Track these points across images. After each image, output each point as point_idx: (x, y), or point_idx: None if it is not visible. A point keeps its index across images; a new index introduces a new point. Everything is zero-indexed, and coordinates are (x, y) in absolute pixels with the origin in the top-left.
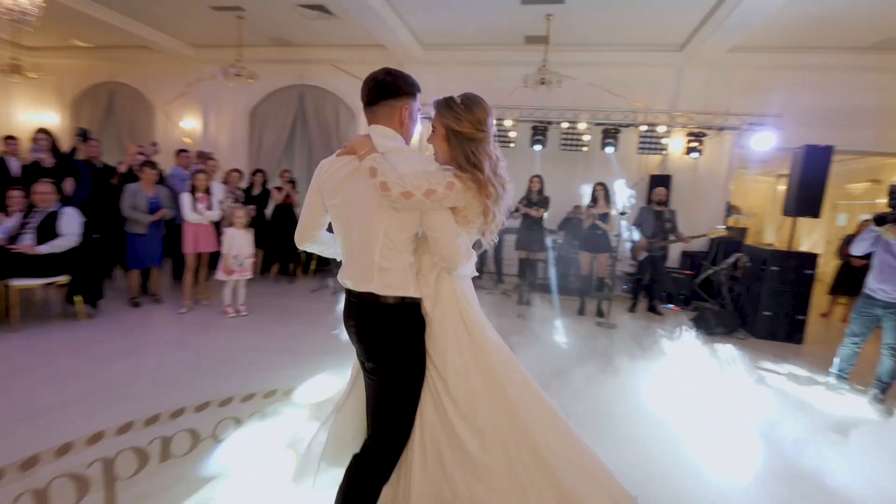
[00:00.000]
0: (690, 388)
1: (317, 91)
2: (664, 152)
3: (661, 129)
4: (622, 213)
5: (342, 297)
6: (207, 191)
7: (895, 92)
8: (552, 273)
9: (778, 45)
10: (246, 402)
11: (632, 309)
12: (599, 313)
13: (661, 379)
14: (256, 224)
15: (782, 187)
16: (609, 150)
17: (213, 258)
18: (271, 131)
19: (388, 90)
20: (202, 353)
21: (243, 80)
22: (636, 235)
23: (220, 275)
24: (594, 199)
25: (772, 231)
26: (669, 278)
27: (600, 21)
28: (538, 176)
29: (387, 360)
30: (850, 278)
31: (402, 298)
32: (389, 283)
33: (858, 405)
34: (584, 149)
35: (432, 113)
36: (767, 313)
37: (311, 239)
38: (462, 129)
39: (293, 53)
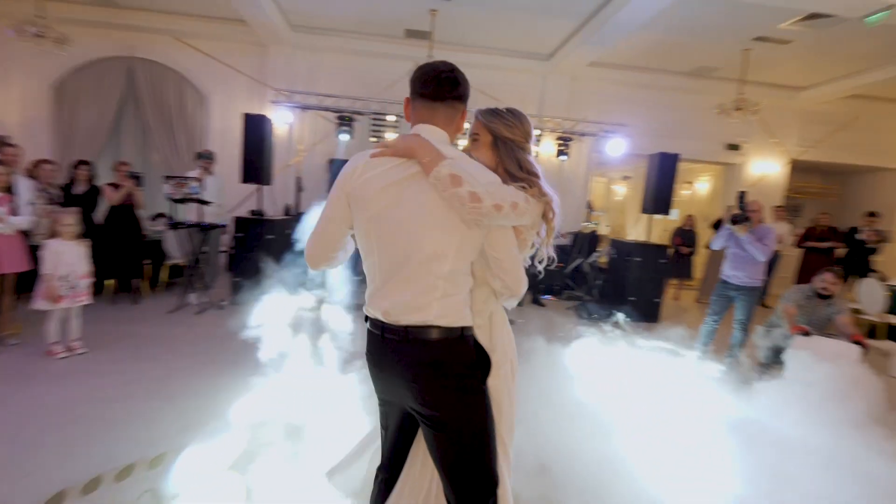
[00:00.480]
0: (619, 378)
1: (154, 67)
2: (536, 154)
3: (535, 132)
4: None
5: (213, 318)
6: (9, 189)
7: (704, 110)
8: None
9: (627, 64)
10: (123, 479)
11: (519, 303)
12: None
13: (592, 370)
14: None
15: (616, 187)
16: None
17: (24, 280)
18: (88, 112)
19: (458, 89)
20: (29, 417)
21: (49, 43)
22: None
23: (40, 303)
24: None
25: (609, 225)
26: (546, 271)
27: (479, 23)
28: None
29: (454, 404)
30: (679, 264)
31: (462, 329)
32: (449, 313)
33: (720, 370)
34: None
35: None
36: (632, 298)
37: (331, 261)
38: (514, 136)
39: (120, 17)
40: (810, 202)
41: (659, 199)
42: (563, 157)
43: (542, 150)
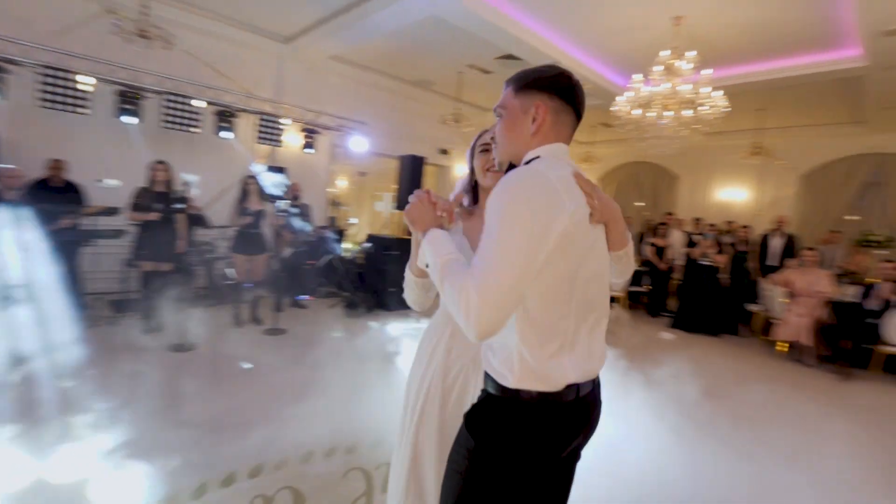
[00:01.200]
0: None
1: None
2: (280, 144)
3: (283, 120)
4: (286, 209)
5: None
6: None
7: (425, 117)
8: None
9: (368, 65)
10: None
11: (278, 308)
12: (256, 320)
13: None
14: None
15: (340, 182)
16: (227, 134)
17: None
18: None
19: None
20: None
21: None
22: (303, 228)
23: None
24: (244, 195)
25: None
26: (300, 270)
27: None
28: (164, 163)
29: None
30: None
31: None
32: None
33: None
34: (197, 130)
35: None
36: (393, 289)
37: (510, 317)
38: None
39: None
40: None
41: (408, 196)
42: (309, 150)
43: (289, 142)
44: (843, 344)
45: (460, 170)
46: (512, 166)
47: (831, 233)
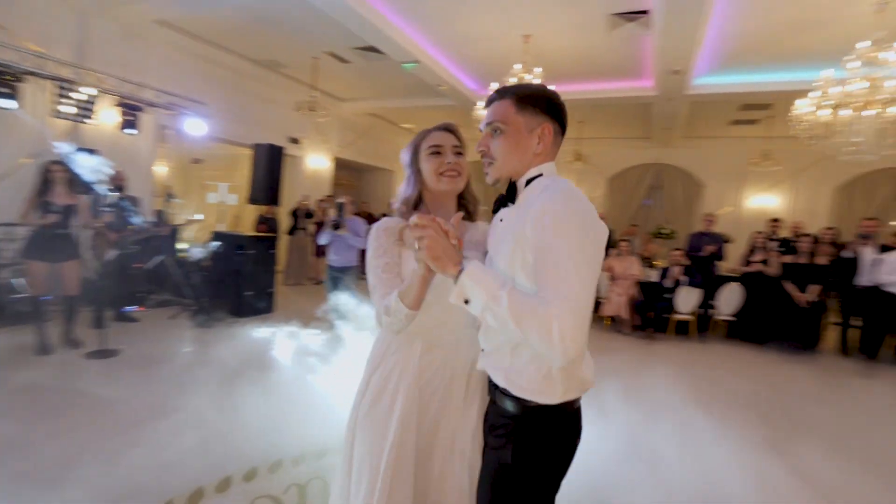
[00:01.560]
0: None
1: None
2: (90, 119)
3: (88, 90)
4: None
5: None
6: None
7: (273, 103)
8: None
9: (207, 38)
10: None
11: (98, 324)
12: (71, 342)
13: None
14: None
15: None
16: (7, 102)
17: None
18: None
19: None
20: None
21: None
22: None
23: None
24: (46, 185)
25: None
26: (123, 276)
27: None
28: None
29: None
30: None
31: None
32: None
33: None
34: None
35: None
36: (249, 293)
37: None
38: None
39: None
40: (343, 192)
41: (269, 189)
42: (130, 131)
43: (103, 120)
44: (649, 315)
45: (313, 161)
46: (512, 182)
47: (631, 226)
